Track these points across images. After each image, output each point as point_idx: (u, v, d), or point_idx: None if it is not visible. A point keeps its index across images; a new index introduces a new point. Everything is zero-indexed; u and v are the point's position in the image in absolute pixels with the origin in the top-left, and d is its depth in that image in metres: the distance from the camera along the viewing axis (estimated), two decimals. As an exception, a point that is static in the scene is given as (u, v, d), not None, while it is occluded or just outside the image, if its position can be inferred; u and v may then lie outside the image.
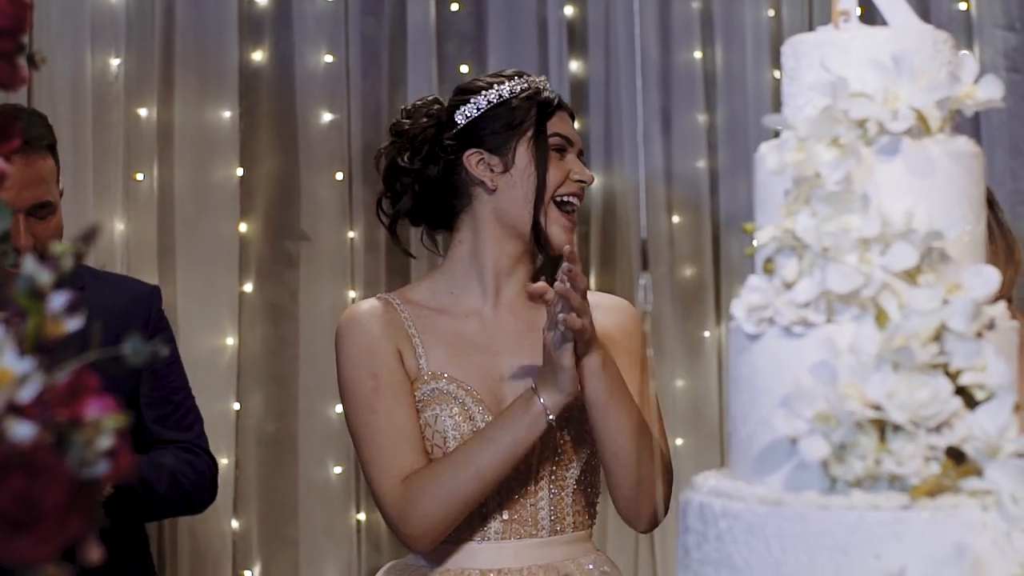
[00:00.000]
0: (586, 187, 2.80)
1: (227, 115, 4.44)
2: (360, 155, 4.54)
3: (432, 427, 2.67)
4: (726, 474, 1.84)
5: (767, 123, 1.84)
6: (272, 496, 4.50)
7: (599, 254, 4.68)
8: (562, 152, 2.78)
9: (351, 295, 4.51)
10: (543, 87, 2.82)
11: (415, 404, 2.67)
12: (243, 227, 4.48)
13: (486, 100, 2.78)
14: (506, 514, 2.69)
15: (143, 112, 4.35)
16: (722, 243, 4.76)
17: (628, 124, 4.66)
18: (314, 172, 4.54)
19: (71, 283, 1.37)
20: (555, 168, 2.76)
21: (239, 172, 4.45)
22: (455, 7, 4.69)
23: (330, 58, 4.55)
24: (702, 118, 4.77)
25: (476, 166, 2.77)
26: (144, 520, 3.32)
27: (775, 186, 1.80)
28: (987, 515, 1.62)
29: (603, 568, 2.75)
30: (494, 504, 2.68)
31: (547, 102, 2.79)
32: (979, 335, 1.71)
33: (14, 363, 1.31)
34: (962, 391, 1.67)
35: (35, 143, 3.09)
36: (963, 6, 4.77)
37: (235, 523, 4.46)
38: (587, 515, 2.76)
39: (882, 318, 1.69)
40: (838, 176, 1.73)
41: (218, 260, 4.41)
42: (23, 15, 1.42)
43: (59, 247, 1.45)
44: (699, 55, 4.76)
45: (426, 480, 2.60)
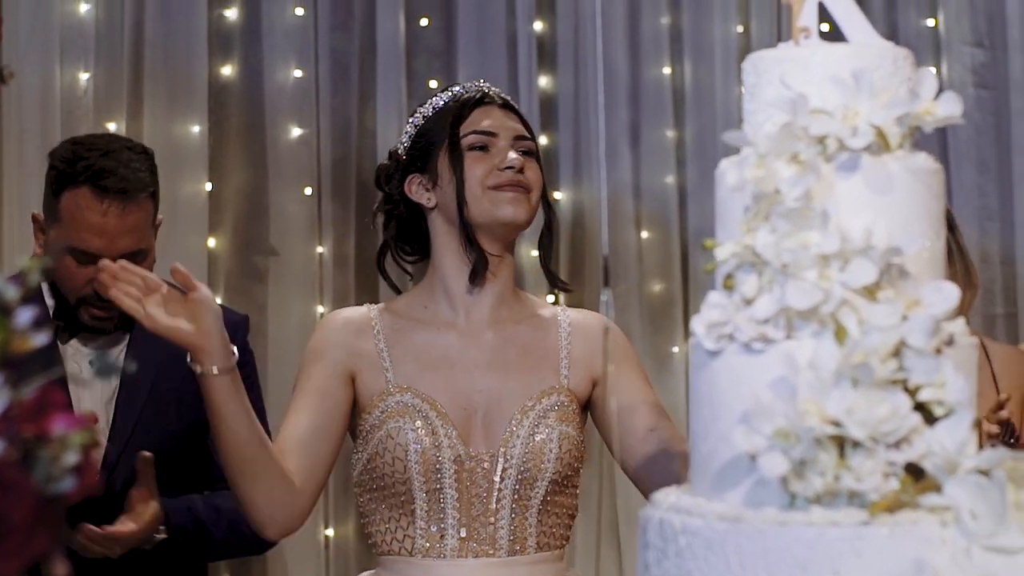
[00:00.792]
0: (524, 167, 2.72)
1: (196, 129, 4.42)
2: (329, 170, 4.52)
3: (394, 439, 2.65)
4: (687, 490, 1.84)
5: (727, 140, 1.85)
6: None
7: (567, 269, 4.67)
8: (484, 148, 2.74)
9: (320, 310, 4.49)
10: (466, 91, 2.79)
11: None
12: (212, 242, 4.46)
13: (413, 126, 2.79)
14: (463, 531, 2.67)
15: (112, 126, 4.33)
16: (691, 259, 4.76)
17: (597, 139, 4.66)
18: (283, 187, 4.52)
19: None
20: (477, 164, 2.72)
21: (208, 187, 4.44)
22: (424, 22, 4.68)
23: (299, 73, 4.53)
24: (671, 134, 4.77)
25: (416, 191, 2.77)
26: (202, 561, 3.31)
27: (735, 202, 1.81)
28: (946, 531, 1.63)
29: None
30: (452, 521, 2.67)
31: (464, 103, 2.76)
32: (938, 351, 1.72)
33: (-21, 379, 1.30)
34: (921, 407, 1.68)
35: (133, 192, 2.98)
36: (931, 23, 4.78)
37: (203, 539, 4.43)
38: (555, 536, 2.73)
39: (841, 334, 1.70)
40: (798, 192, 1.74)
41: (187, 275, 4.39)
42: (-9, 30, 1.41)
43: (27, 262, 1.44)
44: (668, 71, 4.76)
45: None
